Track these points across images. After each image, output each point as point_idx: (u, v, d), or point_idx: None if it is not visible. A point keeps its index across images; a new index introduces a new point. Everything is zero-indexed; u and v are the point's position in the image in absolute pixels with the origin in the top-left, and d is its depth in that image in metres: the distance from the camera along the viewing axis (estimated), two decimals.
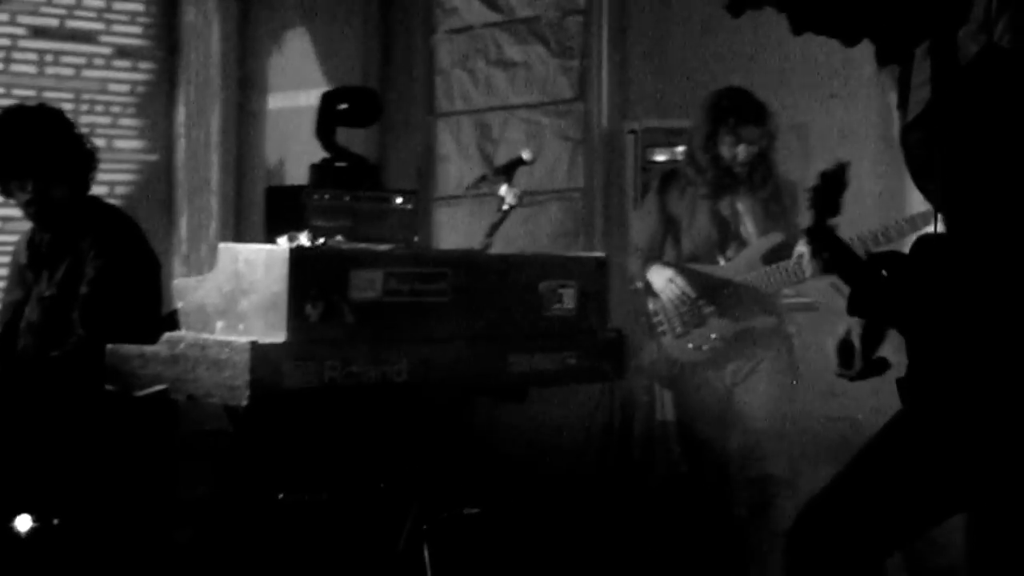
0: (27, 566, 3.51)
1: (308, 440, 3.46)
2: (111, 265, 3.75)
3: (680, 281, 4.32)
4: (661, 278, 4.36)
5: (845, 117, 5.26)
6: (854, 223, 4.16)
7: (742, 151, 4.29)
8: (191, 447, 3.72)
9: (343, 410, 3.29)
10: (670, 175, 4.55)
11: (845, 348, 2.43)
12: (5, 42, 5.51)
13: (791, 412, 4.34)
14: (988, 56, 1.98)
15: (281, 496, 3.48)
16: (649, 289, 4.40)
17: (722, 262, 4.39)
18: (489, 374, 3.29)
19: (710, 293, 4.35)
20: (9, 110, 3.95)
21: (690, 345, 4.37)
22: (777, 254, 4.31)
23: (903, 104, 2.13)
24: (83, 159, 3.91)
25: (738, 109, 4.30)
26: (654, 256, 4.45)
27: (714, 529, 4.36)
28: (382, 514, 3.59)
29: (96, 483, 3.59)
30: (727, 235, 4.39)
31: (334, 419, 3.39)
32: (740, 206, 4.39)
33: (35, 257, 3.92)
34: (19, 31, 5.55)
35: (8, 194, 3.87)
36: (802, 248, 4.22)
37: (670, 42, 5.83)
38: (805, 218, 4.32)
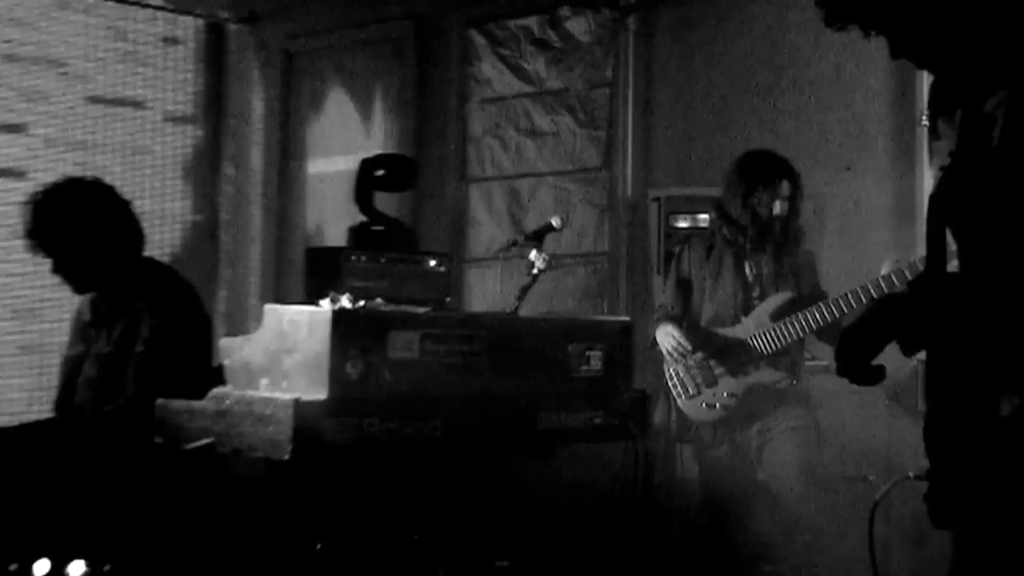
0: None
1: (346, 492, 3.57)
2: (165, 325, 3.88)
3: (677, 333, 4.41)
4: (661, 333, 4.47)
5: (859, 188, 5.36)
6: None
7: (778, 206, 4.42)
8: (234, 498, 3.85)
9: (380, 464, 3.42)
10: (693, 241, 4.67)
11: (854, 342, 2.10)
12: (63, 109, 5.74)
13: (817, 472, 4.38)
14: None
15: (319, 546, 3.58)
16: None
17: None
18: (519, 432, 3.42)
19: (720, 352, 4.44)
20: (55, 187, 3.99)
21: (703, 404, 4.46)
22: (784, 312, 4.40)
23: (961, 151, 2.12)
24: (126, 231, 4.00)
25: (771, 166, 4.47)
26: (673, 317, 4.54)
27: None
28: (416, 566, 3.70)
29: (145, 530, 3.70)
30: (750, 298, 4.48)
31: (371, 473, 3.51)
32: (765, 269, 4.48)
33: (96, 315, 4.05)
34: (75, 99, 5.78)
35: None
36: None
37: (692, 114, 5.95)
38: (823, 285, 4.44)
